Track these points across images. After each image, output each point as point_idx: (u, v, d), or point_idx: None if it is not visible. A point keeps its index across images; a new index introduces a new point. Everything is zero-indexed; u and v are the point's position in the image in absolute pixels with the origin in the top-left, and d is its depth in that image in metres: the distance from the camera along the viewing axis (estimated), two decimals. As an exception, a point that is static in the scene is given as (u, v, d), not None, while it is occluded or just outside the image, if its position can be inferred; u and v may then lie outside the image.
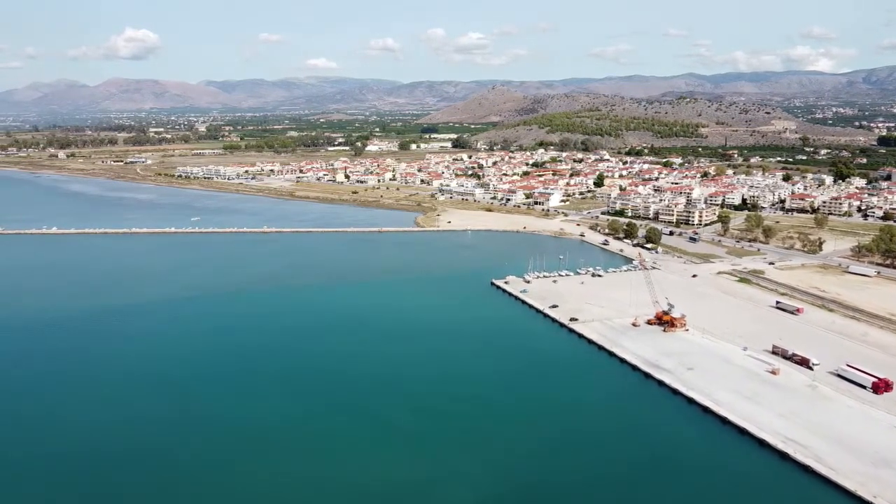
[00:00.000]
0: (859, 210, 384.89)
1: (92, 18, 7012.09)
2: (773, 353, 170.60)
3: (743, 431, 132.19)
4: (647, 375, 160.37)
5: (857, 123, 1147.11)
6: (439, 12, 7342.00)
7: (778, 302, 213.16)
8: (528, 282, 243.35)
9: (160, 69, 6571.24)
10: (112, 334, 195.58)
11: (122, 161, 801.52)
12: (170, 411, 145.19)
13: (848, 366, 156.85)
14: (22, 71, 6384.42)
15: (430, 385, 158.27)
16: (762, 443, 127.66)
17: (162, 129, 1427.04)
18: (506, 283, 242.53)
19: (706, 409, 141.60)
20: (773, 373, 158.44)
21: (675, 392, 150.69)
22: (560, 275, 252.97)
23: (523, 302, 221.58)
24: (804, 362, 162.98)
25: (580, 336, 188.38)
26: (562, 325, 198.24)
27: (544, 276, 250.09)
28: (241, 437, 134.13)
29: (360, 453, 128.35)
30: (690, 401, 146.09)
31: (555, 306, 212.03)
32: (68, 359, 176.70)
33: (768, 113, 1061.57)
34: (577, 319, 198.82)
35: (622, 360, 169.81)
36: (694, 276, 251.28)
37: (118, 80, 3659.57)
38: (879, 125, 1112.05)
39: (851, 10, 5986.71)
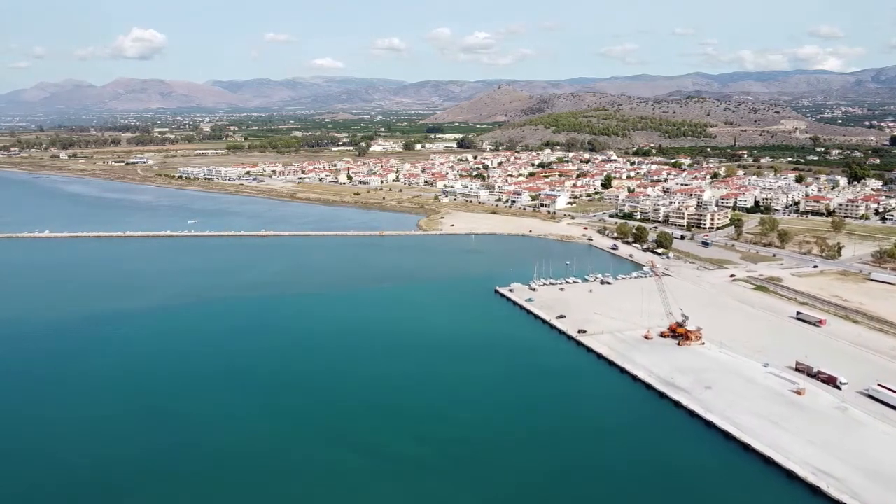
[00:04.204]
0: (877, 213, 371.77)
1: (99, 18, 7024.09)
2: (797, 370, 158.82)
3: (769, 461, 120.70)
4: (662, 395, 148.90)
5: (867, 123, 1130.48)
6: (445, 12, 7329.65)
7: (798, 312, 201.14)
8: (534, 289, 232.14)
9: (167, 69, 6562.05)
10: (92, 346, 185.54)
11: (123, 161, 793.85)
12: (146, 435, 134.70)
13: (879, 385, 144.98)
14: (29, 71, 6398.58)
15: (428, 406, 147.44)
16: (791, 474, 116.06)
17: (166, 129, 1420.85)
18: (510, 290, 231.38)
19: (727, 435, 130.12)
20: (798, 393, 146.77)
21: (693, 414, 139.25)
22: (567, 282, 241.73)
23: (528, 311, 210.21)
24: (831, 381, 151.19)
25: (589, 350, 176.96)
26: (569, 337, 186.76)
27: (550, 284, 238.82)
28: (222, 467, 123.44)
29: (353, 482, 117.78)
30: (709, 424, 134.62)
31: (562, 317, 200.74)
32: (43, 370, 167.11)
33: (778, 112, 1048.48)
34: (585, 331, 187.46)
35: (634, 378, 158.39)
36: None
37: (125, 80, 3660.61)
38: (890, 125, 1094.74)
39: (859, 9, 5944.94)
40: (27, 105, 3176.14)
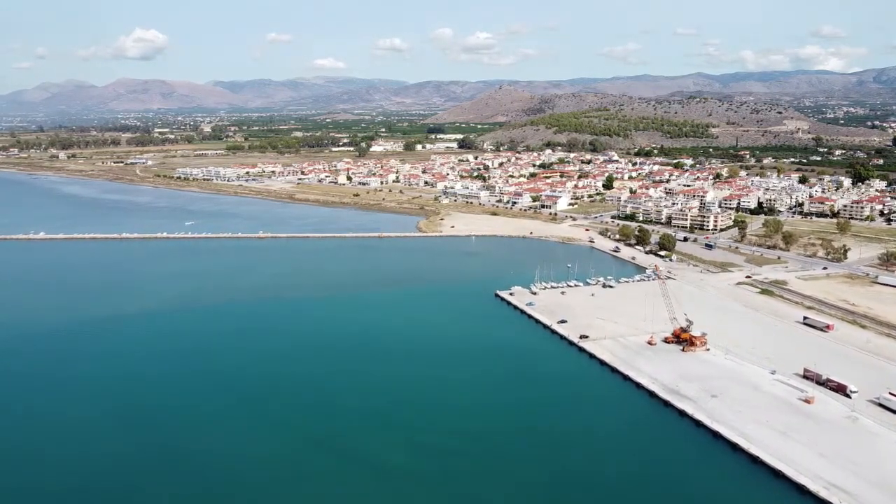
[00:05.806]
0: (882, 214, 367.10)
1: (101, 19, 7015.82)
2: (805, 377, 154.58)
3: (778, 474, 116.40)
4: (666, 403, 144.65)
5: (869, 123, 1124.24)
6: (447, 12, 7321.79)
7: (805, 317, 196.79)
8: (535, 293, 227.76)
9: (168, 69, 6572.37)
10: (85, 349, 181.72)
11: (122, 162, 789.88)
12: (133, 446, 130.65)
13: (891, 394, 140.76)
14: (31, 71, 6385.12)
15: (426, 415, 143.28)
16: (802, 489, 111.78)
17: (167, 130, 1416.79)
18: (511, 294, 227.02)
19: (734, 446, 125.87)
20: (807, 401, 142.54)
21: (699, 424, 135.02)
22: (569, 285, 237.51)
23: (529, 316, 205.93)
24: (840, 389, 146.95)
25: (591, 356, 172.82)
26: (571, 342, 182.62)
27: (552, 287, 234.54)
28: (212, 479, 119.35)
29: (348, 489, 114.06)
30: (716, 435, 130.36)
31: (563, 321, 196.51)
32: (38, 372, 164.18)
33: (780, 113, 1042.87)
34: (587, 337, 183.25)
35: (638, 385, 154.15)
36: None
37: (126, 81, 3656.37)
38: (893, 125, 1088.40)
39: (861, 9, 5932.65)
40: (29, 105, 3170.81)
